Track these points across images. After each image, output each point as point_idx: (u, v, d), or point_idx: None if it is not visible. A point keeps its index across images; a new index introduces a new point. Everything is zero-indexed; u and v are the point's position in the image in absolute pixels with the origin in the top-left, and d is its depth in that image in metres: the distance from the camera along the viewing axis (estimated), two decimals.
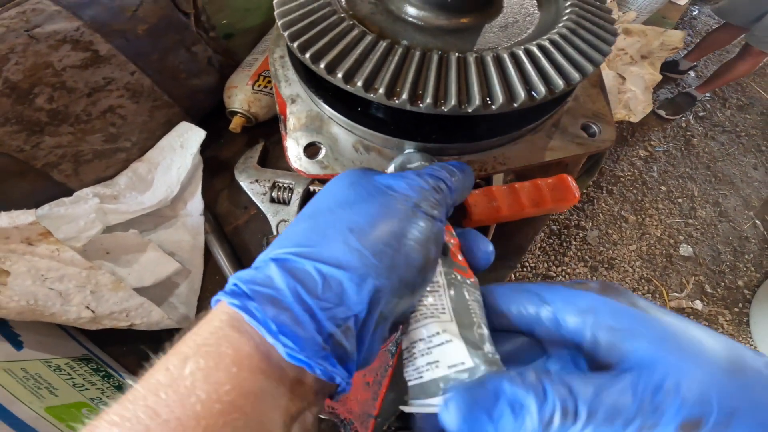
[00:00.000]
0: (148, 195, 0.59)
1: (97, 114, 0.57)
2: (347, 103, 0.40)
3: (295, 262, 0.24)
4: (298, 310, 0.22)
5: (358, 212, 0.27)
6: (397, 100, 0.32)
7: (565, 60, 0.34)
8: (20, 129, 0.51)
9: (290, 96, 0.44)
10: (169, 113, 0.63)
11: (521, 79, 0.33)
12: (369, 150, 0.41)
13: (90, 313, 0.47)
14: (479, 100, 0.32)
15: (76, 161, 0.58)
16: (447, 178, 0.31)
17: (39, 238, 0.47)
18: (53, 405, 0.44)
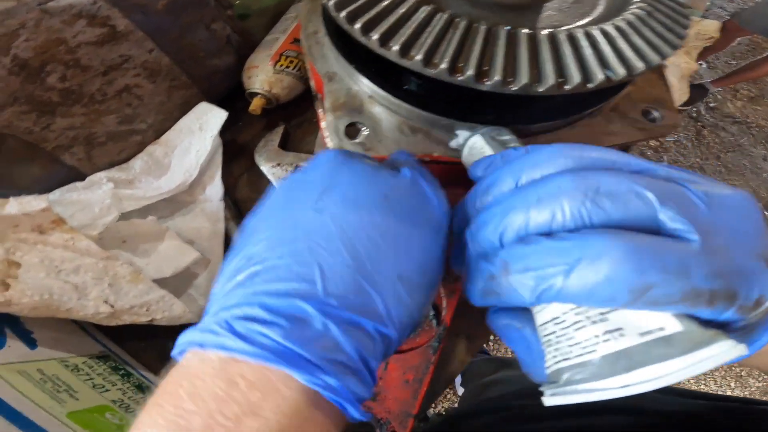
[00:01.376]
0: (165, 179, 0.56)
1: (113, 94, 0.53)
2: (392, 80, 0.37)
3: (356, 320, 0.20)
4: (366, 377, 0.20)
5: (408, 250, 0.23)
6: (460, 77, 0.29)
7: (644, 42, 0.31)
8: (30, 109, 0.48)
9: (327, 74, 0.41)
10: (186, 94, 0.60)
11: (598, 58, 0.30)
12: (415, 131, 0.38)
13: (109, 308, 0.44)
14: (553, 79, 0.29)
15: (89, 144, 0.55)
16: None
17: (52, 226, 0.44)
18: (75, 410, 0.41)
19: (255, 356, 0.18)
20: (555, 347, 0.21)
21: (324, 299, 0.20)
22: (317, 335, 0.19)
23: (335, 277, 0.21)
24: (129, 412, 0.46)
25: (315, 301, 0.20)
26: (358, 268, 0.21)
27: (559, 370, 0.21)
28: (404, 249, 0.23)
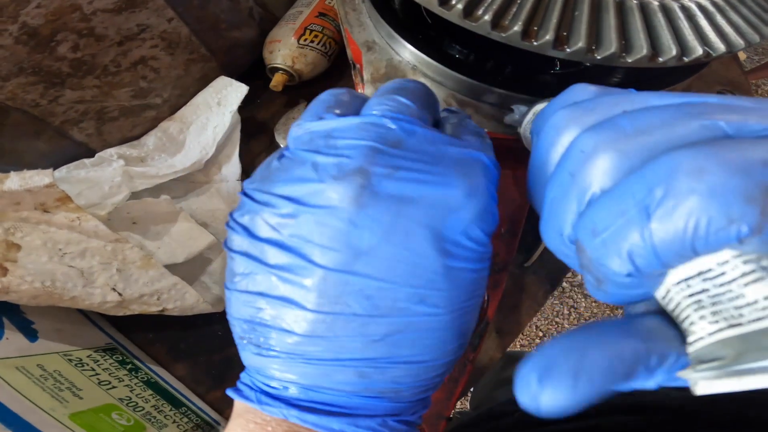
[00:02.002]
0: (180, 157, 0.52)
1: (127, 65, 0.49)
2: (442, 48, 0.33)
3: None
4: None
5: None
6: (535, 42, 0.25)
7: (742, 19, 0.27)
8: (37, 81, 0.44)
9: (365, 43, 0.37)
10: (205, 68, 0.56)
11: (695, 32, 0.26)
12: (464, 105, 0.34)
13: (117, 296, 0.40)
14: (646, 50, 0.25)
15: (100, 119, 0.51)
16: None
17: (56, 204, 0.39)
18: (79, 410, 0.37)
19: None
20: (708, 312, 0.16)
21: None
22: None
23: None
24: (137, 410, 0.42)
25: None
26: None
27: (722, 342, 0.16)
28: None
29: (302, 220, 0.18)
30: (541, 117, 0.20)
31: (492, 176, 0.21)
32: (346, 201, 0.18)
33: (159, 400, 0.45)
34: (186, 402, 0.47)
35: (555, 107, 0.19)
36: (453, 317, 0.19)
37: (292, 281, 0.18)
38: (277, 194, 0.19)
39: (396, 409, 0.21)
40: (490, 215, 0.20)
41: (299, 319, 0.18)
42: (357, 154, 0.18)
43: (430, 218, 0.18)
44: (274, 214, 0.19)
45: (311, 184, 0.18)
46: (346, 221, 0.18)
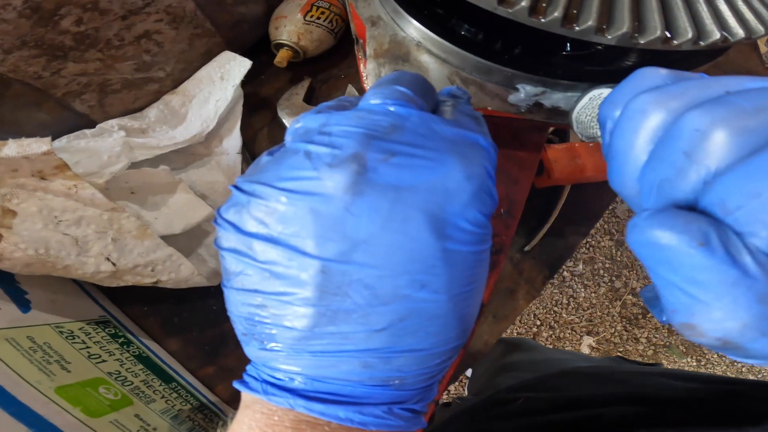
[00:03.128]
0: (180, 129, 0.51)
1: (131, 40, 0.48)
2: (448, 24, 0.32)
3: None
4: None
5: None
6: (543, 19, 0.24)
7: (763, 6, 0.26)
8: (39, 54, 0.43)
9: (370, 18, 0.36)
10: (209, 43, 0.55)
11: (713, 15, 0.25)
12: (467, 83, 0.33)
13: (111, 266, 0.39)
14: (660, 31, 0.24)
15: (102, 91, 0.50)
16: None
17: (54, 172, 0.38)
18: (65, 384, 0.36)
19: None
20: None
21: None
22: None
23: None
24: (126, 385, 0.41)
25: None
26: None
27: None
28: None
29: (295, 211, 0.17)
30: (611, 103, 0.20)
31: (490, 158, 0.20)
32: (342, 189, 0.17)
33: (149, 375, 0.44)
34: (177, 377, 0.46)
35: (630, 92, 0.19)
36: (455, 303, 0.19)
37: (287, 276, 0.18)
38: (267, 184, 0.18)
39: (401, 396, 0.20)
40: (488, 196, 0.20)
41: (299, 315, 0.18)
42: (351, 141, 0.18)
43: (428, 202, 0.18)
44: (264, 205, 0.18)
45: (304, 172, 0.17)
46: (342, 210, 0.17)
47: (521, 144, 0.36)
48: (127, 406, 0.39)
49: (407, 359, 0.19)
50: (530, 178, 0.36)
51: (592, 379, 0.46)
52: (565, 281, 1.59)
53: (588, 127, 0.27)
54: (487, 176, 0.19)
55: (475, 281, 0.20)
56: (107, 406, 0.38)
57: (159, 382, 0.44)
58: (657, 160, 0.17)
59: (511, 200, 0.36)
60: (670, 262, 0.15)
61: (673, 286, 0.15)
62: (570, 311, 1.57)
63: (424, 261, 0.18)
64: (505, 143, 0.36)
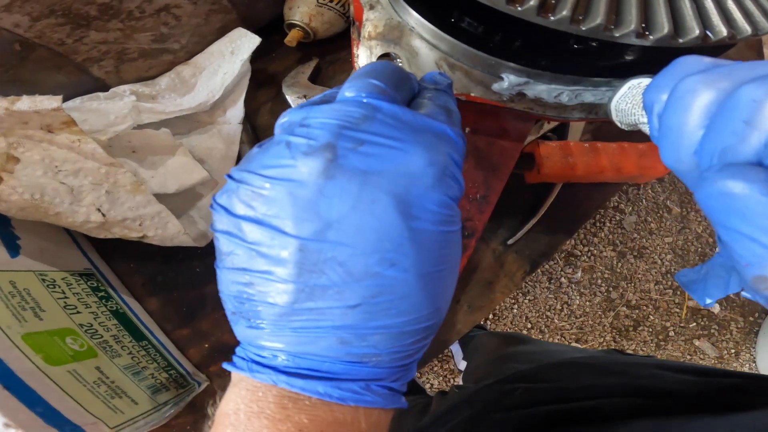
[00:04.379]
0: (188, 98, 0.53)
1: (151, 12, 0.50)
2: (441, 12, 0.32)
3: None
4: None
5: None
6: (552, 17, 0.24)
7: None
8: (65, 22, 0.45)
9: (369, 1, 0.36)
10: (225, 19, 0.56)
11: (721, 13, 0.25)
12: (454, 69, 0.33)
13: (100, 216, 0.41)
14: (668, 29, 0.24)
15: (119, 59, 0.52)
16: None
17: (61, 127, 0.40)
18: (33, 331, 0.37)
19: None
20: None
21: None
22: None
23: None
24: (95, 338, 0.42)
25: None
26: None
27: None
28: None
29: (276, 195, 0.19)
30: (657, 88, 0.21)
31: (456, 146, 0.22)
32: (315, 174, 0.19)
33: (121, 330, 0.45)
34: (149, 336, 0.47)
35: (675, 77, 0.20)
36: (425, 282, 0.20)
37: (270, 255, 0.19)
38: (253, 172, 0.20)
39: (378, 374, 0.21)
40: (452, 181, 0.21)
41: (281, 291, 0.19)
42: (325, 131, 0.19)
43: (394, 186, 0.19)
44: (250, 190, 0.20)
45: (284, 161, 0.19)
46: (316, 192, 0.19)
47: (505, 132, 0.37)
48: (90, 359, 0.40)
49: (381, 336, 0.20)
50: (509, 166, 0.36)
51: (590, 370, 0.46)
52: (561, 287, 1.58)
53: (629, 114, 0.27)
54: (451, 162, 0.21)
55: (445, 263, 0.21)
56: (69, 356, 0.38)
57: (129, 339, 0.45)
58: (716, 131, 0.18)
59: (489, 186, 0.36)
60: (743, 212, 0.16)
61: (745, 237, 0.16)
62: (562, 317, 1.56)
63: (392, 240, 0.19)
64: (489, 130, 0.37)
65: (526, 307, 1.56)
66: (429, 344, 0.24)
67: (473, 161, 0.36)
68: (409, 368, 0.23)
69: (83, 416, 0.35)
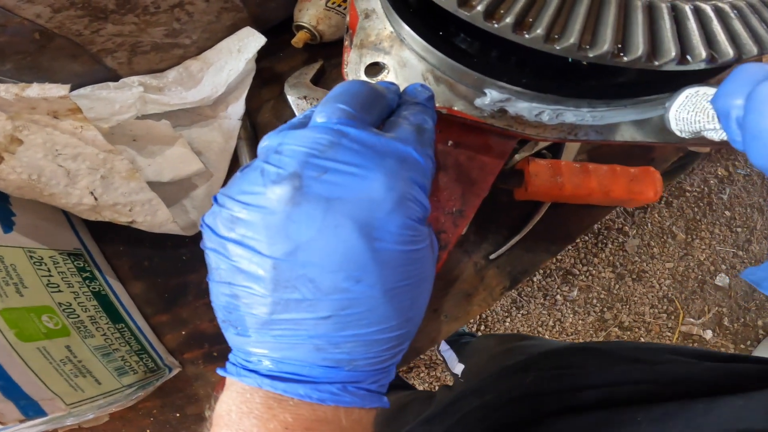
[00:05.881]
0: (193, 92, 0.54)
1: (166, 8, 0.51)
2: (430, 25, 0.32)
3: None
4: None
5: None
6: (527, 35, 0.24)
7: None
8: (84, 14, 0.46)
9: (365, 10, 0.36)
10: (236, 17, 0.57)
11: (702, 34, 0.24)
12: (439, 81, 0.33)
13: (92, 199, 0.42)
14: (643, 50, 0.23)
15: (133, 51, 0.53)
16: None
17: (67, 114, 0.42)
18: (11, 307, 0.37)
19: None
20: None
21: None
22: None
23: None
24: (71, 317, 0.42)
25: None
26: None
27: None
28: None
29: (251, 219, 0.20)
30: (728, 95, 0.22)
31: (420, 168, 0.23)
32: (283, 201, 0.20)
33: (99, 311, 0.45)
34: (127, 319, 0.48)
35: (745, 83, 0.21)
36: (390, 296, 0.21)
37: (249, 272, 0.21)
38: (232, 197, 0.21)
39: (355, 377, 0.23)
40: (414, 204, 0.22)
41: (260, 303, 0.21)
42: (293, 160, 0.21)
43: (356, 211, 0.20)
44: (230, 214, 0.21)
45: (257, 188, 0.21)
46: (284, 218, 0.20)
47: (487, 148, 0.36)
48: (62, 337, 0.40)
49: (354, 344, 0.22)
50: (488, 182, 0.36)
51: (601, 356, 0.44)
52: (556, 304, 1.55)
53: (692, 123, 0.27)
54: (412, 186, 0.22)
55: (410, 278, 0.22)
56: (42, 334, 0.39)
57: (106, 320, 0.46)
58: None
59: (466, 201, 0.35)
60: None
61: None
62: (554, 334, 1.53)
63: (356, 260, 0.20)
64: (471, 145, 0.36)
65: (519, 321, 1.54)
66: (407, 348, 0.25)
67: (453, 175, 0.36)
68: (386, 371, 0.25)
69: (42, 391, 0.36)
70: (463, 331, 1.42)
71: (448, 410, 0.47)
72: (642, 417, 0.33)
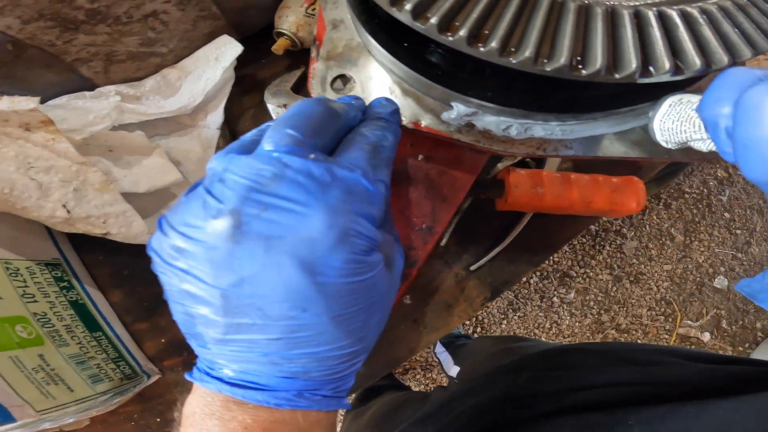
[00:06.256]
0: (171, 101, 0.53)
1: (139, 17, 0.50)
2: (395, 37, 0.31)
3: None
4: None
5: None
6: (482, 48, 0.22)
7: (752, 24, 0.23)
8: (54, 25, 0.46)
9: (333, 20, 0.35)
10: (214, 25, 0.56)
11: (666, 46, 0.22)
12: (407, 94, 0.32)
13: (65, 213, 0.41)
14: (601, 63, 0.22)
15: (108, 60, 0.52)
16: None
17: (39, 126, 0.41)
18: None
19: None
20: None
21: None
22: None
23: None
24: (46, 326, 0.42)
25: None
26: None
27: None
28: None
29: (194, 251, 0.20)
30: (716, 102, 0.21)
31: (369, 197, 0.22)
32: (223, 238, 0.20)
33: (76, 320, 0.45)
34: (105, 327, 0.47)
35: (732, 89, 0.20)
36: (338, 322, 0.22)
37: (200, 297, 0.21)
38: (175, 228, 0.21)
39: (311, 386, 0.23)
40: (358, 238, 0.21)
41: (214, 326, 0.21)
42: (234, 194, 0.20)
43: (297, 249, 0.20)
44: (172, 243, 0.21)
45: (197, 221, 0.20)
46: (227, 254, 0.20)
47: (459, 162, 0.35)
48: (35, 346, 0.40)
49: (307, 360, 0.22)
50: (459, 198, 0.35)
51: (597, 356, 0.44)
52: (552, 306, 1.54)
53: (677, 133, 0.26)
54: (357, 219, 0.21)
55: (359, 304, 0.22)
56: (15, 343, 0.38)
57: (82, 329, 0.45)
58: None
59: (435, 217, 0.34)
60: None
61: None
62: (550, 336, 1.52)
63: (300, 293, 0.20)
64: (442, 159, 0.35)
65: (515, 323, 1.53)
66: (366, 357, 0.26)
67: (423, 190, 0.35)
68: (343, 379, 0.25)
69: (12, 398, 0.36)
70: (459, 332, 1.41)
71: (442, 410, 0.47)
72: (634, 419, 0.33)
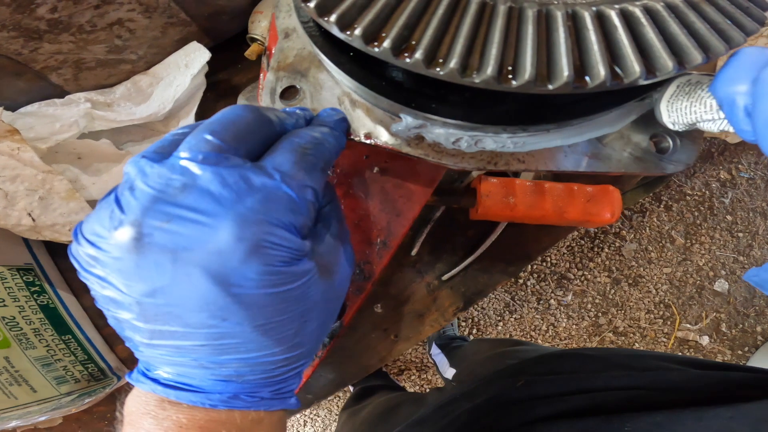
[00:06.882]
0: (142, 107, 0.53)
1: (103, 26, 0.50)
2: (342, 46, 0.30)
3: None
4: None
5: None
6: (407, 59, 0.21)
7: (705, 24, 0.21)
8: (17, 35, 0.46)
9: (286, 29, 0.34)
10: (185, 31, 0.55)
11: (604, 52, 0.20)
12: (355, 106, 0.31)
13: (30, 221, 0.41)
14: (530, 74, 0.20)
15: (77, 67, 0.53)
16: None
17: (6, 135, 0.41)
18: None
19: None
20: None
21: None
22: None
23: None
24: (14, 329, 0.42)
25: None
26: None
27: None
28: None
29: (105, 260, 0.19)
30: (731, 81, 0.21)
31: (291, 204, 0.21)
32: (125, 250, 0.19)
33: (45, 324, 0.45)
34: (75, 330, 0.47)
35: (748, 69, 0.20)
36: (264, 330, 0.21)
37: (121, 303, 0.20)
38: (85, 237, 0.20)
39: (247, 388, 0.23)
40: (275, 249, 0.20)
41: (138, 330, 0.21)
42: (138, 204, 0.19)
43: (206, 262, 0.19)
44: (84, 251, 0.20)
45: (103, 231, 0.19)
46: (133, 265, 0.19)
47: (415, 175, 0.34)
48: (1, 349, 0.41)
49: (239, 365, 0.21)
50: (415, 211, 0.33)
51: (593, 362, 0.44)
52: (549, 308, 1.52)
53: (687, 113, 0.25)
54: (272, 230, 0.20)
55: (287, 312, 0.21)
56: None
57: (51, 333, 0.45)
58: None
59: (390, 231, 0.33)
60: None
61: None
62: (546, 339, 1.50)
63: (216, 304, 0.19)
64: (399, 172, 0.34)
65: (511, 325, 1.51)
66: (309, 361, 0.25)
67: (379, 204, 0.33)
68: (285, 381, 0.24)
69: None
70: (455, 334, 1.40)
71: (439, 413, 0.46)
72: (630, 426, 0.32)
